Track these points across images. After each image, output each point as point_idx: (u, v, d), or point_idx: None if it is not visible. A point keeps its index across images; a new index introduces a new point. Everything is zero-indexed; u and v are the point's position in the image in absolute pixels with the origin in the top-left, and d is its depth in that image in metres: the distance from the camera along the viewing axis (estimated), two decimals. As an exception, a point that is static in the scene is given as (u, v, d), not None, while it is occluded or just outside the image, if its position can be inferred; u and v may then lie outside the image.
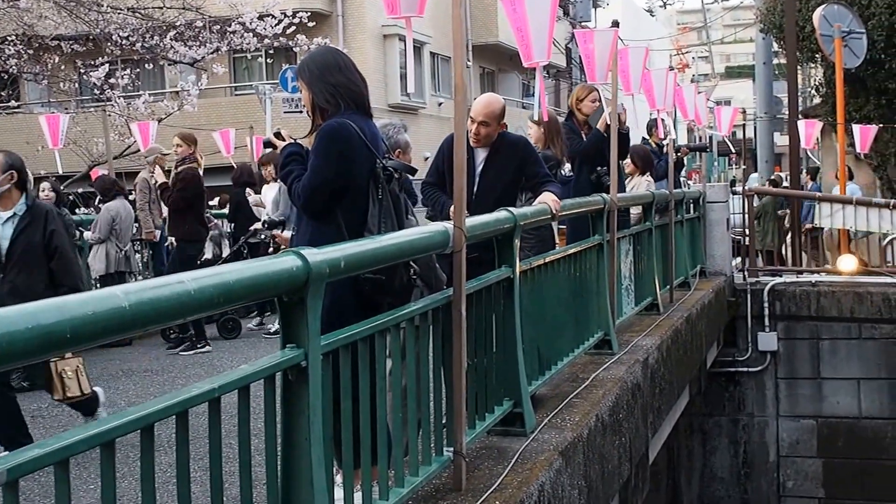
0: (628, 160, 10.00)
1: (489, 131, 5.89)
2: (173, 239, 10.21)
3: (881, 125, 17.65)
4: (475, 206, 5.40)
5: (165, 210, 11.01)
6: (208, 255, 11.38)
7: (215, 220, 12.61)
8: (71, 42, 18.60)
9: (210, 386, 2.53)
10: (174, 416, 2.41)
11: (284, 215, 11.12)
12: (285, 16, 18.99)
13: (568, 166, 7.94)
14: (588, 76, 7.61)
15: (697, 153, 15.99)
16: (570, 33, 34.59)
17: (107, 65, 18.51)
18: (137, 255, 12.16)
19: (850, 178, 16.80)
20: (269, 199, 11.31)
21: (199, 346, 10.07)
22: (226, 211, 13.53)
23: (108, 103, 18.99)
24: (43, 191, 10.44)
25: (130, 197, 12.10)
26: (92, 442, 2.08)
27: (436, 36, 27.20)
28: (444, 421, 4.11)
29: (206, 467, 2.71)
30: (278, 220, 10.94)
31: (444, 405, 4.12)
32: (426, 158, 25.03)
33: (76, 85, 21.85)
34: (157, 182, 10.69)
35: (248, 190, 12.50)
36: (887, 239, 13.40)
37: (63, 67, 19.79)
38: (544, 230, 6.36)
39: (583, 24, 36.64)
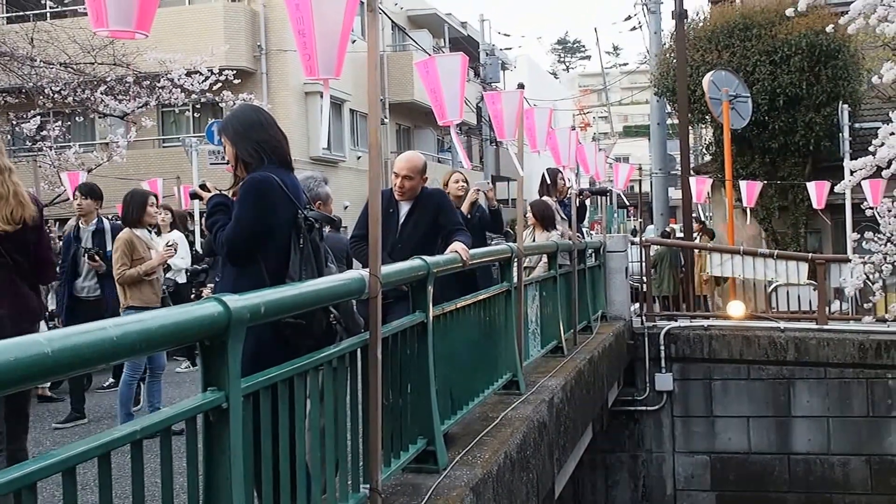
0: (529, 214, 10.05)
1: (412, 185, 6.05)
2: None
3: (766, 181, 18.07)
4: (396, 255, 5.43)
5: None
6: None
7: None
8: (4, 94, 18.27)
9: (132, 428, 2.45)
10: (96, 459, 2.33)
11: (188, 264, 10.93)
12: (212, 73, 18.86)
13: None
14: (497, 134, 7.65)
15: (599, 204, 16.19)
16: (480, 94, 34.98)
17: (39, 117, 18.18)
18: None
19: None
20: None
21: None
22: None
23: (39, 154, 18.63)
24: None
25: None
26: (12, 486, 1.99)
27: (355, 94, 27.27)
28: (360, 459, 4.06)
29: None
30: (200, 269, 10.79)
31: (360, 443, 4.07)
32: (346, 207, 25.03)
33: (8, 136, 21.41)
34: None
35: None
36: (772, 286, 13.67)
37: (-4, 119, 19.43)
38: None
39: (492, 85, 37.07)
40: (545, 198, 10.44)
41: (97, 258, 8.66)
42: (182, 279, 11.54)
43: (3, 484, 1.97)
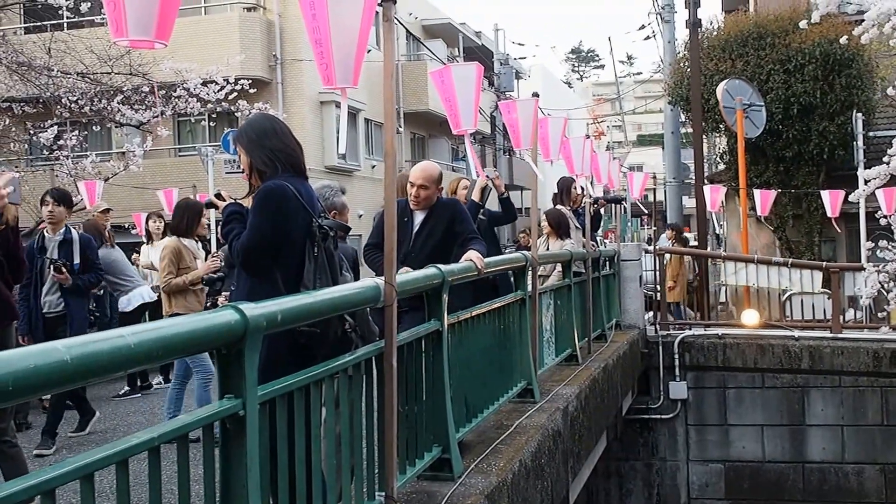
0: (544, 222, 10.06)
1: (428, 194, 6.05)
2: None
3: (779, 190, 18.01)
4: (409, 264, 5.42)
5: None
6: None
7: None
8: (22, 104, 18.36)
9: (150, 435, 2.46)
10: (114, 465, 2.33)
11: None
12: (228, 82, 18.95)
13: None
14: (513, 143, 7.66)
15: (613, 213, 16.18)
16: (494, 103, 34.99)
17: (56, 126, 18.27)
18: None
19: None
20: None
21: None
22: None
23: (56, 163, 18.73)
24: None
25: None
26: (31, 492, 2.00)
27: (370, 103, 27.33)
28: (375, 466, 4.06)
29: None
30: (216, 278, 10.77)
31: (376, 451, 4.07)
32: (360, 216, 25.06)
33: (26, 145, 21.52)
34: None
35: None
36: (786, 295, 13.62)
37: (13, 128, 19.50)
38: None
39: (506, 94, 37.09)
40: (559, 206, 10.45)
41: (63, 271, 7.89)
42: None
43: (22, 490, 1.98)
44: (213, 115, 21.93)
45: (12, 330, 5.79)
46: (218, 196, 4.55)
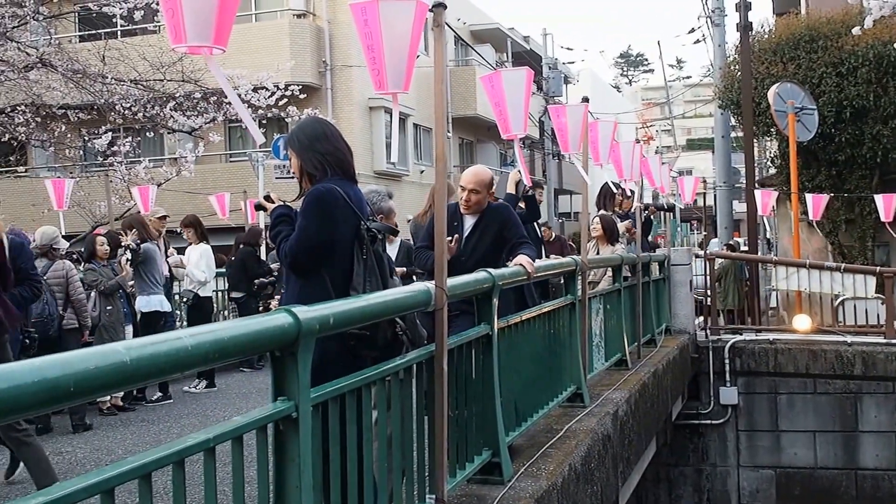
0: (597, 226, 10.00)
1: (479, 199, 6.05)
2: None
3: (832, 194, 17.79)
4: (460, 267, 5.43)
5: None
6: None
7: None
8: (77, 111, 18.61)
9: (206, 436, 2.49)
10: (171, 465, 2.37)
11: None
12: (278, 88, 19.11)
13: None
14: (561, 147, 7.65)
15: (662, 218, 16.09)
16: (543, 107, 34.92)
17: (110, 133, 18.51)
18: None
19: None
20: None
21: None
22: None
23: (110, 168, 18.98)
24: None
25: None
26: (92, 490, 2.04)
27: (419, 108, 27.41)
28: (426, 469, 4.07)
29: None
30: (267, 282, 10.87)
31: (426, 454, 4.08)
32: (408, 220, 25.13)
33: (81, 151, 21.84)
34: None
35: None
36: (839, 300, 13.46)
37: (69, 135, 19.78)
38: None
39: (555, 98, 37.00)
40: (602, 212, 10.43)
41: None
42: (206, 292, 11.47)
43: (83, 489, 2.01)
44: (264, 122, 22.12)
45: (5, 342, 5.68)
46: (267, 198, 4.58)
